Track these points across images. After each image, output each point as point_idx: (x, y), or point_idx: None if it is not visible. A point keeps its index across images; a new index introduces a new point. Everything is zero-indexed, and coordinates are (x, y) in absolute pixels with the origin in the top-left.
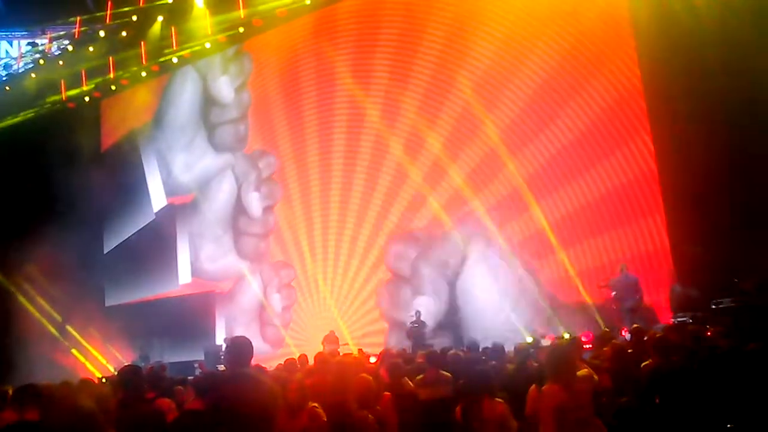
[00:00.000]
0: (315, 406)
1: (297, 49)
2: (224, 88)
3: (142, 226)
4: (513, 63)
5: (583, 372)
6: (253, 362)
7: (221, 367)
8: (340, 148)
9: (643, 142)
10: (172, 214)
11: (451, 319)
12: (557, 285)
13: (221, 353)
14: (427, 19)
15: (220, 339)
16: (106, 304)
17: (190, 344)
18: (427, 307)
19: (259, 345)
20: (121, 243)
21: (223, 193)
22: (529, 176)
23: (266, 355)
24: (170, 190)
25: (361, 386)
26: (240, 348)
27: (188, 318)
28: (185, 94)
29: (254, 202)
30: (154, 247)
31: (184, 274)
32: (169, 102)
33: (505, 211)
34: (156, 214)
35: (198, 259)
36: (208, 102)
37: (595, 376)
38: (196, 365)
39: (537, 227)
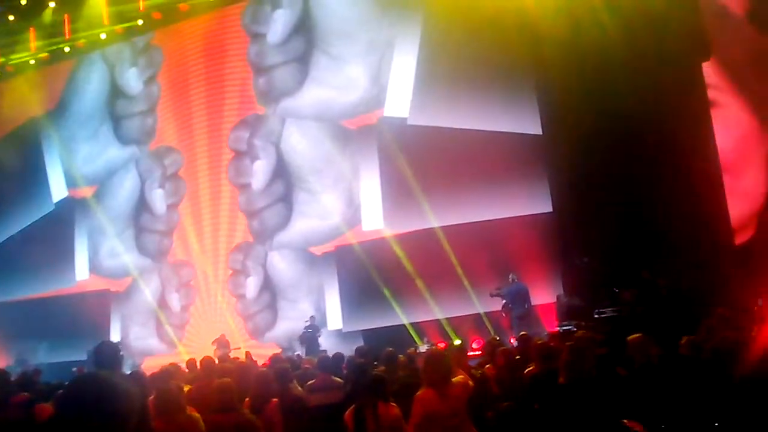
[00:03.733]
0: (192, 412)
1: (205, 44)
2: (132, 80)
3: (37, 218)
4: None
5: (458, 378)
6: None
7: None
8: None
9: (536, 157)
10: (71, 207)
11: None
12: (450, 293)
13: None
14: None
15: (114, 339)
16: None
17: (82, 345)
18: None
19: (155, 345)
20: (11, 236)
21: (125, 189)
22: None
23: (162, 355)
24: (71, 181)
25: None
26: (107, 353)
27: (81, 317)
28: (91, 83)
29: (158, 199)
30: (49, 242)
31: (81, 270)
32: (74, 91)
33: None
34: (56, 205)
35: (97, 255)
36: (115, 93)
37: (470, 382)
38: (74, 369)
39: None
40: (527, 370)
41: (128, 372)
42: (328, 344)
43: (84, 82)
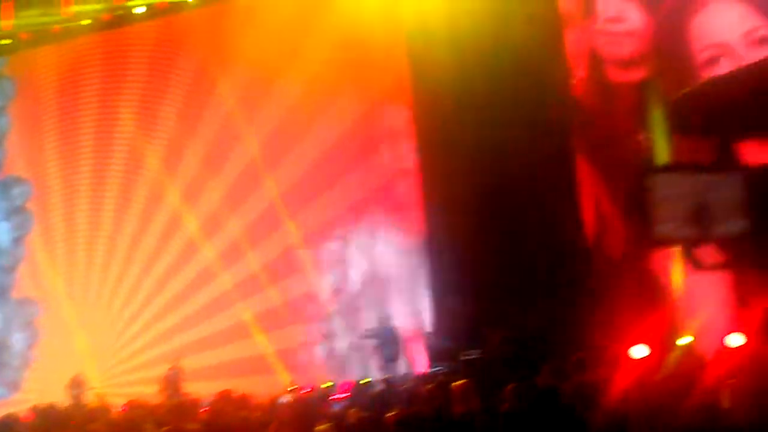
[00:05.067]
0: None
1: (73, 72)
2: None
3: None
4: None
5: (323, 427)
6: None
7: None
8: (113, 181)
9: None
10: None
11: None
12: None
13: None
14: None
15: None
16: None
17: None
18: None
19: None
20: None
21: None
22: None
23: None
24: None
25: None
26: None
27: None
28: None
29: (2, 233)
30: None
31: None
32: None
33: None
34: None
35: None
36: None
37: None
38: None
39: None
40: (390, 414)
41: None
42: None
43: None
